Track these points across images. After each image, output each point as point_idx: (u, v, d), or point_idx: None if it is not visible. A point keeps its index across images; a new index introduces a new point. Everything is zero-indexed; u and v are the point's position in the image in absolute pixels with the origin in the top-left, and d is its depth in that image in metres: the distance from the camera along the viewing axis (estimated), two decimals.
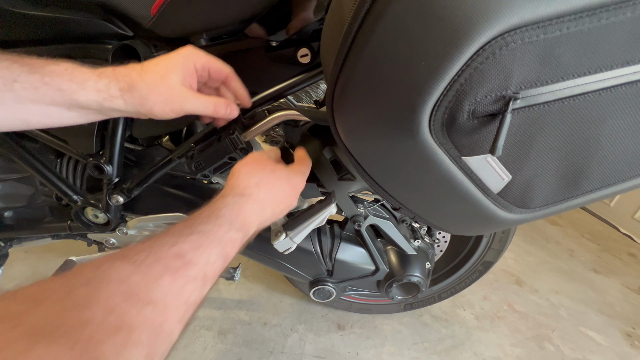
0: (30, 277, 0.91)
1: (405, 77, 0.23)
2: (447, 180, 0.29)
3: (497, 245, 0.77)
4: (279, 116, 0.46)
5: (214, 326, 0.86)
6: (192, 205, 0.62)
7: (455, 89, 0.22)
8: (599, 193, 0.31)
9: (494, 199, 0.31)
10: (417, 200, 0.35)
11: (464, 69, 0.21)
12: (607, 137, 0.26)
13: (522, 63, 0.21)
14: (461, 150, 0.26)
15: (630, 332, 1.03)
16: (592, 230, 1.66)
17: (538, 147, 0.26)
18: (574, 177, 0.29)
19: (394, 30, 0.23)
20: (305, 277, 0.68)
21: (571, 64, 0.21)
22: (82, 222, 0.60)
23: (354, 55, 0.26)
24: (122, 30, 0.48)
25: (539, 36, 0.20)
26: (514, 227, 0.74)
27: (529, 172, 0.28)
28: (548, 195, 0.31)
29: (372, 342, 0.88)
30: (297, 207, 0.53)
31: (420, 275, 0.66)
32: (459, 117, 0.24)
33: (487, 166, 0.27)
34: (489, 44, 0.20)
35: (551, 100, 0.23)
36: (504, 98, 0.22)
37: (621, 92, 0.23)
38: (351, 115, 0.29)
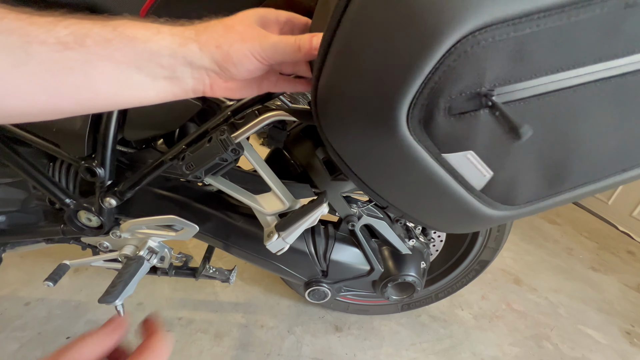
0: (27, 283, 0.91)
1: (382, 76, 0.24)
2: (430, 177, 0.29)
3: (492, 244, 0.77)
4: (268, 116, 0.46)
5: (211, 329, 0.85)
6: (186, 208, 0.62)
7: (430, 87, 0.22)
8: (582, 190, 0.31)
9: (478, 196, 0.31)
10: (403, 199, 0.35)
11: (437, 67, 0.21)
12: (585, 134, 0.26)
13: (495, 60, 0.21)
14: (440, 147, 0.26)
15: (630, 330, 1.02)
16: (591, 228, 1.66)
17: (517, 143, 0.26)
18: (556, 173, 0.29)
19: (368, 31, 0.23)
20: (300, 278, 0.67)
21: (543, 61, 0.22)
22: (75, 226, 0.60)
23: (333, 56, 0.26)
24: None
25: (509, 34, 0.20)
26: (508, 226, 0.74)
27: (510, 169, 0.28)
28: (532, 192, 0.31)
29: (369, 343, 0.88)
30: (289, 207, 0.53)
31: (416, 274, 0.66)
32: (435, 115, 0.24)
33: (468, 163, 0.27)
34: (461, 42, 0.20)
35: (526, 97, 0.23)
36: (479, 95, 0.23)
37: (595, 88, 0.23)
38: (334, 115, 0.29)
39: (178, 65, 0.28)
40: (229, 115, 0.49)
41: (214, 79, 0.30)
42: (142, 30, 0.26)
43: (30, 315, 0.82)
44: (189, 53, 0.27)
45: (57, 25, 0.24)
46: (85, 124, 0.51)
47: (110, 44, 0.25)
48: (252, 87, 0.34)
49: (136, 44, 0.26)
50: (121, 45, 0.25)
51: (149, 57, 0.26)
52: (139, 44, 0.26)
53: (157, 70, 0.27)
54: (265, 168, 0.52)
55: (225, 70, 0.29)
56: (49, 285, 0.61)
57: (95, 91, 0.26)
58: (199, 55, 0.28)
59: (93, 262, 0.66)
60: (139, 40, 0.26)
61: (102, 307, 0.87)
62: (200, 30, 0.28)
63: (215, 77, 0.30)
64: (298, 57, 0.30)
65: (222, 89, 0.31)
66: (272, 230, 0.52)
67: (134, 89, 0.27)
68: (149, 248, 0.63)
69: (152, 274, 0.71)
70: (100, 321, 0.83)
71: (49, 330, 0.79)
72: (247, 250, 0.64)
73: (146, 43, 0.26)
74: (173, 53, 0.27)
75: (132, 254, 0.62)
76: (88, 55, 0.24)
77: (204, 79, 0.30)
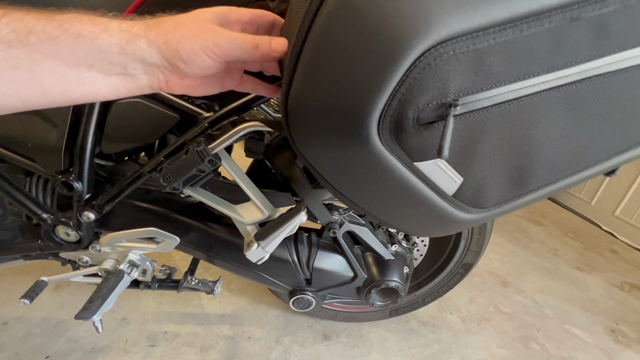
0: (4, 302, 0.88)
1: (351, 90, 0.24)
2: (404, 185, 0.30)
3: (475, 247, 0.78)
4: (244, 127, 0.46)
5: (196, 342, 0.84)
6: (166, 219, 0.62)
7: (398, 99, 0.23)
8: (546, 190, 0.33)
9: (451, 201, 0.32)
10: (379, 206, 0.36)
11: (403, 80, 0.23)
12: (544, 138, 0.28)
13: (457, 72, 0.22)
14: (412, 156, 0.27)
15: (614, 328, 1.04)
16: (575, 228, 1.69)
17: (483, 149, 0.27)
18: (521, 176, 0.30)
19: (335, 46, 0.24)
20: (284, 287, 0.67)
21: (502, 72, 0.23)
22: (53, 241, 0.59)
23: (302, 70, 0.27)
24: None
25: (468, 47, 0.22)
26: (489, 229, 0.75)
27: (479, 174, 0.29)
28: (500, 195, 0.32)
29: (358, 350, 0.87)
30: (269, 216, 0.54)
31: (399, 279, 0.67)
32: (405, 125, 0.25)
33: (439, 170, 0.29)
34: (424, 56, 0.22)
35: (489, 106, 0.25)
36: (445, 105, 0.24)
37: (550, 95, 0.25)
38: (305, 127, 0.30)
39: (129, 62, 0.27)
40: (206, 126, 0.50)
41: (168, 76, 0.29)
42: (89, 27, 0.25)
43: (8, 335, 0.79)
44: (138, 50, 0.26)
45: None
46: (61, 138, 0.51)
47: (56, 42, 0.24)
48: (212, 84, 0.33)
49: (83, 42, 0.25)
50: (67, 43, 0.24)
51: (98, 55, 0.25)
52: (87, 41, 0.25)
53: (108, 67, 0.26)
54: (243, 178, 0.52)
55: (175, 67, 0.28)
56: (26, 302, 0.60)
57: (44, 89, 0.25)
58: (147, 52, 0.27)
59: (72, 277, 0.65)
60: (86, 37, 0.25)
61: (84, 324, 0.85)
62: (150, 26, 0.27)
63: (168, 74, 0.29)
64: (256, 56, 0.29)
65: (178, 86, 0.30)
66: (252, 239, 0.52)
67: (87, 85, 0.26)
68: (129, 261, 0.62)
69: (135, 287, 0.70)
70: (81, 339, 0.81)
71: (27, 350, 0.77)
72: (230, 261, 0.64)
73: (94, 41, 0.25)
74: (122, 50, 0.26)
75: (112, 268, 0.62)
76: (33, 53, 0.23)
77: (157, 75, 0.29)
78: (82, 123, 0.51)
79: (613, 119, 0.27)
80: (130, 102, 0.51)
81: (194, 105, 0.51)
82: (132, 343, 0.82)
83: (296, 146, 0.33)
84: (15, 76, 0.24)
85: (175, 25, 0.27)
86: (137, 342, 0.82)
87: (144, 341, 0.83)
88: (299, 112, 0.30)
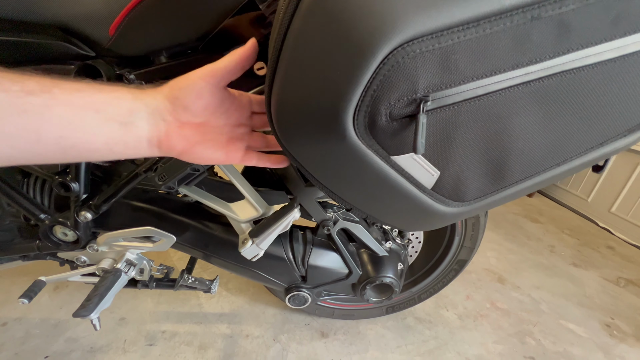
0: (3, 303, 0.89)
1: (326, 88, 0.26)
2: (383, 178, 0.31)
3: (468, 243, 0.79)
4: None
5: (195, 341, 0.84)
6: (163, 219, 0.63)
7: (370, 95, 0.25)
8: (525, 184, 0.33)
9: (430, 194, 0.33)
10: (364, 200, 0.37)
11: (374, 77, 0.24)
12: (517, 132, 0.28)
13: (425, 69, 0.24)
14: (388, 150, 0.28)
15: (609, 323, 1.05)
16: (572, 225, 1.70)
17: (457, 144, 0.28)
18: (498, 170, 0.31)
19: (310, 46, 0.25)
20: (279, 284, 0.68)
21: (468, 69, 0.24)
22: (51, 241, 0.60)
23: (282, 68, 0.28)
24: (84, 51, 0.50)
25: (434, 45, 0.23)
26: (482, 226, 0.76)
27: (455, 168, 0.30)
28: (479, 188, 0.33)
29: (355, 347, 0.88)
30: (263, 214, 0.54)
31: (393, 275, 0.67)
32: (378, 120, 0.26)
33: (415, 164, 0.30)
34: (392, 54, 0.23)
35: (459, 101, 0.26)
36: (416, 101, 0.25)
37: (519, 91, 0.26)
38: (287, 124, 0.31)
39: (135, 109, 0.28)
40: None
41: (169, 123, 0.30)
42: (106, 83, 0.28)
43: (7, 336, 0.80)
44: (146, 96, 0.29)
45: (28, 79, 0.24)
46: None
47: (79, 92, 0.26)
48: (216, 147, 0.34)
49: (102, 89, 0.27)
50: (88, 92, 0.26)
51: (110, 101, 0.27)
52: (106, 90, 0.28)
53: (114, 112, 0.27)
54: (237, 176, 0.53)
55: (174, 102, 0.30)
56: (24, 302, 0.60)
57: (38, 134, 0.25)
58: (152, 95, 0.29)
59: (70, 277, 0.65)
60: (106, 89, 0.28)
61: (83, 324, 0.85)
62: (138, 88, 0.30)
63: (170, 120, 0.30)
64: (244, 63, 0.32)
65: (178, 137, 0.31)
66: (246, 237, 0.53)
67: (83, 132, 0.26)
68: (126, 260, 0.63)
69: (133, 287, 0.71)
70: (80, 339, 0.82)
71: (26, 350, 0.77)
72: (226, 259, 0.65)
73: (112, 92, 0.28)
74: (134, 97, 0.29)
75: (109, 267, 0.62)
76: (50, 100, 0.24)
77: (159, 125, 0.30)
78: None
79: (585, 113, 0.28)
80: None
81: None
82: (131, 342, 0.82)
83: (281, 143, 0.34)
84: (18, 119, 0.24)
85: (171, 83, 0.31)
86: (135, 341, 0.83)
87: (143, 340, 0.83)
88: (282, 109, 0.31)
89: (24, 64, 0.51)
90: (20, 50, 0.48)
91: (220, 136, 0.34)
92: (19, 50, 0.48)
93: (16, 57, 0.49)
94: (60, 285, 0.97)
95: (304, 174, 0.37)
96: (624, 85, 0.26)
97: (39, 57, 0.50)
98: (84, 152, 0.27)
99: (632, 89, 0.27)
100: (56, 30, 0.48)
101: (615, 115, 0.28)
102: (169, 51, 0.50)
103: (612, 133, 0.30)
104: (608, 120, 0.29)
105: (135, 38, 0.46)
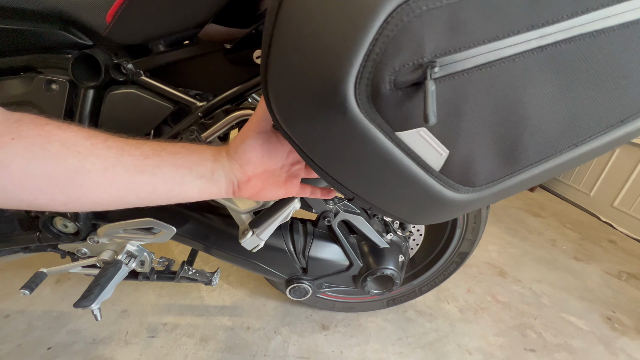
0: (6, 295, 0.89)
1: (325, 53, 0.24)
2: (387, 159, 0.29)
3: (470, 236, 0.79)
4: (236, 116, 0.47)
5: (196, 333, 0.85)
6: (163, 210, 0.62)
7: (372, 60, 0.23)
8: (540, 167, 0.31)
9: (438, 177, 0.30)
10: (365, 186, 0.35)
11: (377, 39, 0.22)
12: (532, 106, 0.26)
13: (432, 30, 0.22)
14: (392, 124, 0.26)
15: (610, 316, 1.05)
16: (574, 220, 1.70)
17: (467, 118, 0.26)
18: (511, 150, 0.29)
19: (307, 8, 0.24)
20: (280, 276, 0.68)
21: (478, 30, 0.22)
22: (51, 233, 0.60)
23: (278, 37, 0.26)
24: (82, 40, 0.49)
25: (442, 1, 0.21)
26: (484, 218, 0.76)
27: (465, 146, 0.28)
28: (490, 171, 0.31)
29: (356, 340, 0.88)
30: (263, 205, 0.54)
31: (394, 267, 0.67)
32: (382, 89, 0.24)
33: (422, 141, 0.27)
34: (396, 11, 0.21)
35: (469, 68, 0.24)
36: (422, 66, 0.23)
37: (534, 57, 0.24)
38: (285, 98, 0.29)
39: (216, 169, 0.37)
40: (199, 116, 0.50)
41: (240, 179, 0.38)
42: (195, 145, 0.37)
43: (10, 328, 0.81)
44: (222, 158, 0.37)
45: (143, 144, 0.33)
46: None
47: (179, 155, 0.35)
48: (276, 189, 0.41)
49: (193, 151, 0.36)
50: (184, 154, 0.35)
51: (199, 162, 0.36)
52: (195, 153, 0.36)
53: (202, 171, 0.36)
54: None
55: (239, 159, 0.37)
56: (25, 293, 0.61)
57: (155, 187, 0.34)
58: (226, 157, 0.38)
59: (71, 268, 0.65)
60: (194, 150, 0.36)
61: (85, 316, 0.86)
62: None
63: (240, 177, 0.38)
64: None
65: (247, 188, 0.39)
66: (247, 227, 0.53)
67: (184, 185, 0.35)
68: (127, 252, 0.63)
69: (134, 279, 0.71)
70: (83, 330, 0.83)
71: (29, 342, 0.78)
72: (226, 251, 0.65)
73: (200, 154, 0.36)
74: (214, 159, 0.37)
75: (110, 259, 0.62)
76: (160, 162, 0.33)
77: (232, 180, 0.38)
78: (76, 114, 0.51)
79: (606, 84, 0.26)
80: (124, 92, 0.51)
81: (187, 95, 0.51)
82: (133, 334, 0.83)
83: (279, 123, 0.33)
84: (140, 177, 0.32)
85: None
86: (137, 333, 0.83)
87: (144, 332, 0.84)
88: (279, 86, 0.29)
89: (22, 53, 0.50)
90: (18, 38, 0.47)
91: (279, 178, 0.41)
92: (16, 38, 0.47)
93: (13, 47, 0.49)
94: (63, 277, 0.97)
95: (305, 160, 0.36)
96: None
97: (36, 46, 0.50)
98: (182, 199, 0.36)
99: None
100: (53, 18, 0.47)
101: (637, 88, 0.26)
102: (166, 39, 0.49)
103: (633, 109, 0.27)
104: (629, 94, 0.26)
105: (132, 26, 0.46)
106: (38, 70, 0.51)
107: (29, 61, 0.51)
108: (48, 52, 0.50)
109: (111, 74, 0.49)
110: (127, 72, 0.49)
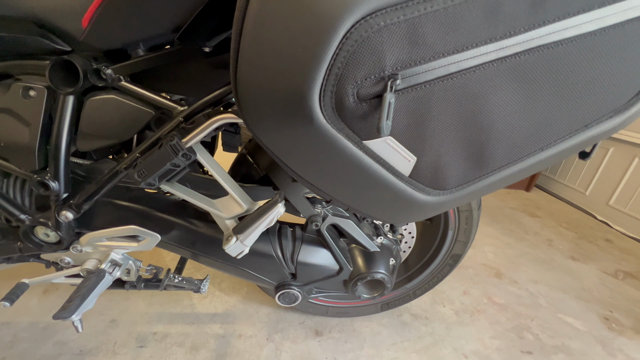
0: None
1: (289, 67, 0.24)
2: (358, 166, 0.29)
3: (462, 237, 0.78)
4: (217, 119, 0.46)
5: (187, 342, 0.83)
6: (147, 217, 0.61)
7: (335, 73, 0.23)
8: (509, 170, 0.32)
9: (408, 182, 0.31)
10: (341, 190, 0.36)
11: (337, 53, 0.22)
12: (496, 113, 0.27)
13: (392, 44, 0.22)
14: (360, 134, 0.27)
15: (608, 315, 1.04)
16: (570, 219, 1.69)
17: (432, 126, 0.27)
18: (478, 155, 0.30)
19: (269, 24, 0.24)
20: (269, 282, 0.67)
21: (437, 43, 0.23)
22: (33, 242, 0.59)
23: (244, 51, 0.27)
24: (59, 45, 0.48)
25: (399, 17, 0.21)
26: (476, 219, 0.75)
27: (433, 153, 0.29)
28: (460, 175, 0.32)
29: (350, 345, 0.87)
30: (248, 210, 0.53)
31: (385, 271, 0.66)
32: (346, 101, 0.25)
33: (390, 149, 0.28)
34: (355, 27, 0.21)
35: (431, 80, 0.24)
36: (384, 79, 0.23)
37: (494, 68, 0.24)
38: (255, 109, 0.29)
39: None
40: (180, 120, 0.49)
41: None
42: None
43: None
44: None
45: None
46: (34, 137, 0.50)
47: None
48: None
49: None
50: None
51: None
52: None
53: None
54: (220, 171, 0.52)
55: None
56: (6, 305, 0.59)
57: None
58: None
59: (54, 278, 0.64)
60: None
61: (73, 328, 0.84)
62: None
63: None
64: None
65: None
66: (230, 233, 0.51)
67: None
68: (111, 261, 0.62)
69: (120, 288, 0.70)
70: (69, 342, 0.81)
71: (14, 355, 0.76)
72: (214, 257, 0.64)
73: None
74: None
75: (94, 268, 0.61)
76: None
77: None
78: (55, 121, 0.50)
79: (568, 92, 0.26)
80: (104, 98, 0.50)
81: (168, 100, 0.50)
82: (121, 344, 0.81)
83: (251, 130, 0.33)
84: None
85: None
86: (126, 343, 0.82)
87: (133, 342, 0.82)
88: (247, 94, 0.29)
89: None
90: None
91: None
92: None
93: None
94: (51, 288, 0.96)
95: (282, 166, 0.35)
96: (606, 61, 0.25)
97: (14, 52, 0.49)
98: None
99: (615, 66, 0.25)
100: (30, 24, 0.46)
101: (598, 95, 0.27)
102: (145, 44, 0.48)
103: (596, 114, 0.28)
104: (591, 100, 0.27)
105: (109, 30, 0.45)
106: (15, 77, 0.50)
107: (5, 68, 0.50)
108: (25, 58, 0.50)
109: (90, 80, 0.48)
110: (106, 77, 0.48)
